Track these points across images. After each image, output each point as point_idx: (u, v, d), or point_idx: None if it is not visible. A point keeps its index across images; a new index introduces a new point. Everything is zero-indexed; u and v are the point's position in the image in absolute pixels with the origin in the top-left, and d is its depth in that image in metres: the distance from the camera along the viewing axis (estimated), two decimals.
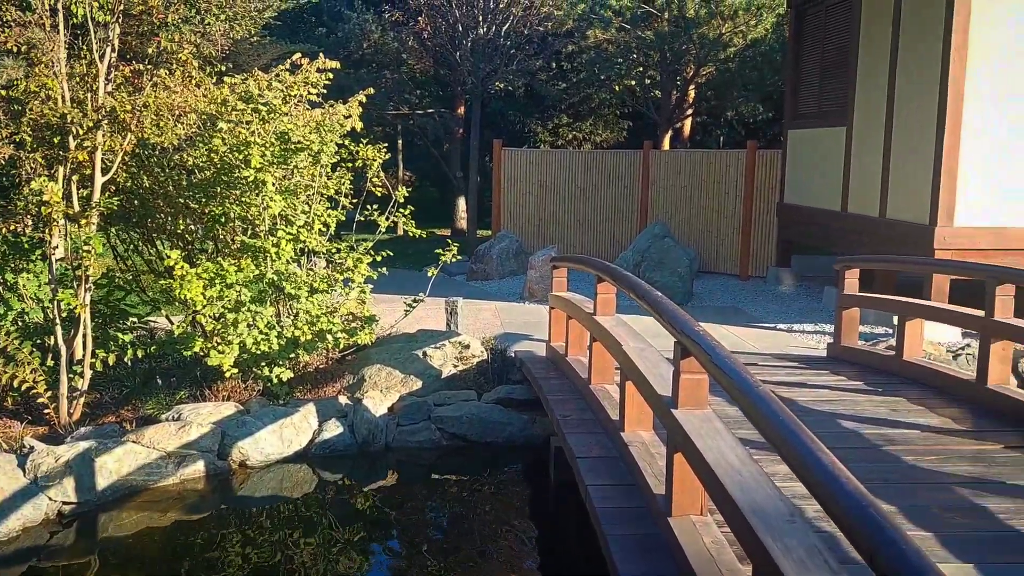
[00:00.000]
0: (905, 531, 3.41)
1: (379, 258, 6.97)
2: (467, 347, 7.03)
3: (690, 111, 16.92)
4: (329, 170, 6.85)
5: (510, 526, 5.39)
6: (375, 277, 7.03)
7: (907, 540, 1.80)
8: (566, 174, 13.41)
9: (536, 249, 12.49)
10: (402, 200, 7.18)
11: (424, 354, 6.91)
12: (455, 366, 6.93)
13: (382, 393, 6.52)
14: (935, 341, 8.15)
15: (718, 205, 12.60)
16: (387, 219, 7.21)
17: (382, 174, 7.08)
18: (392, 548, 5.13)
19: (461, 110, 17.62)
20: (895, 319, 8.01)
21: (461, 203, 17.85)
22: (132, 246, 7.46)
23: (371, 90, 7.36)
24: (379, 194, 7.14)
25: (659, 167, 13.04)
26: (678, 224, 12.81)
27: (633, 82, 16.24)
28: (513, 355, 7.22)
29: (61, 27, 5.86)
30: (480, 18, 15.32)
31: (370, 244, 6.99)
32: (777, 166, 12.04)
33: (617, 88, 16.55)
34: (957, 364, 7.57)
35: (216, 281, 6.00)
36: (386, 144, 7.33)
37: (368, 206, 7.07)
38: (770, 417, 2.51)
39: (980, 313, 5.49)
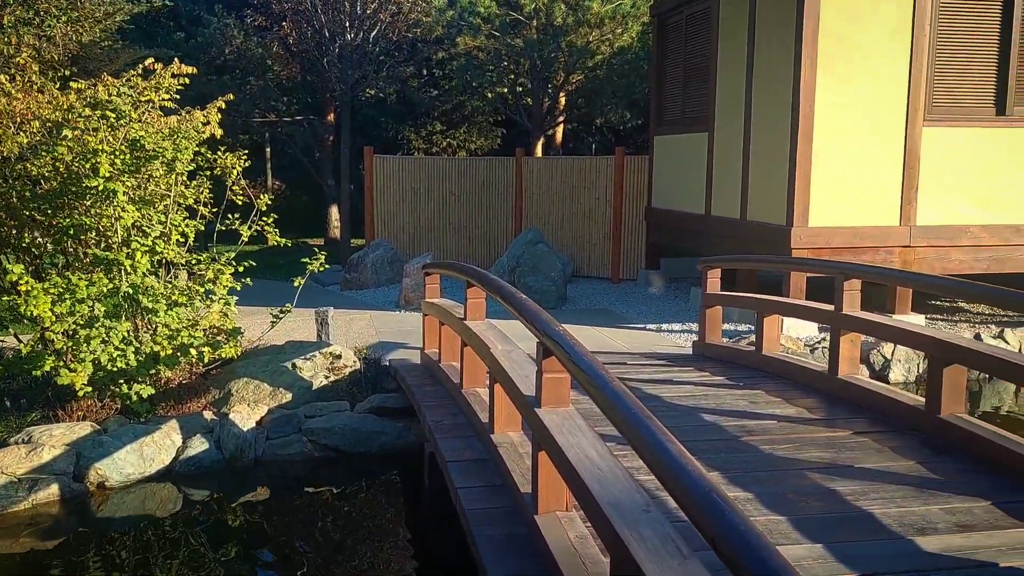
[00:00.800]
0: (749, 516, 3.56)
1: (242, 268, 6.77)
2: (339, 357, 6.92)
3: (562, 118, 17.19)
4: (186, 178, 6.61)
5: (386, 534, 5.33)
6: (239, 288, 6.83)
7: (748, 524, 1.86)
8: (440, 181, 13.40)
9: (412, 257, 12.43)
10: (265, 208, 6.99)
11: (293, 366, 6.75)
12: (327, 377, 6.80)
13: (250, 407, 6.33)
14: (794, 337, 8.54)
15: (589, 210, 12.85)
16: (250, 228, 7.01)
17: (243, 182, 6.89)
18: (268, 563, 4.98)
19: (331, 117, 17.36)
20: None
21: (334, 212, 17.58)
22: None
23: (231, 96, 7.16)
24: (241, 203, 6.94)
25: (532, 173, 13.20)
26: (552, 229, 12.99)
27: (505, 89, 16.39)
28: (388, 364, 7.14)
29: None
30: (347, 24, 15.14)
31: (232, 254, 6.78)
32: (645, 171, 12.37)
33: (489, 95, 16.66)
34: (814, 357, 7.94)
35: (66, 296, 5.70)
36: (247, 152, 7.12)
37: (230, 215, 6.86)
38: (623, 411, 2.56)
39: (830, 307, 5.77)
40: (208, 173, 6.93)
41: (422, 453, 5.74)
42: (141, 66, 6.52)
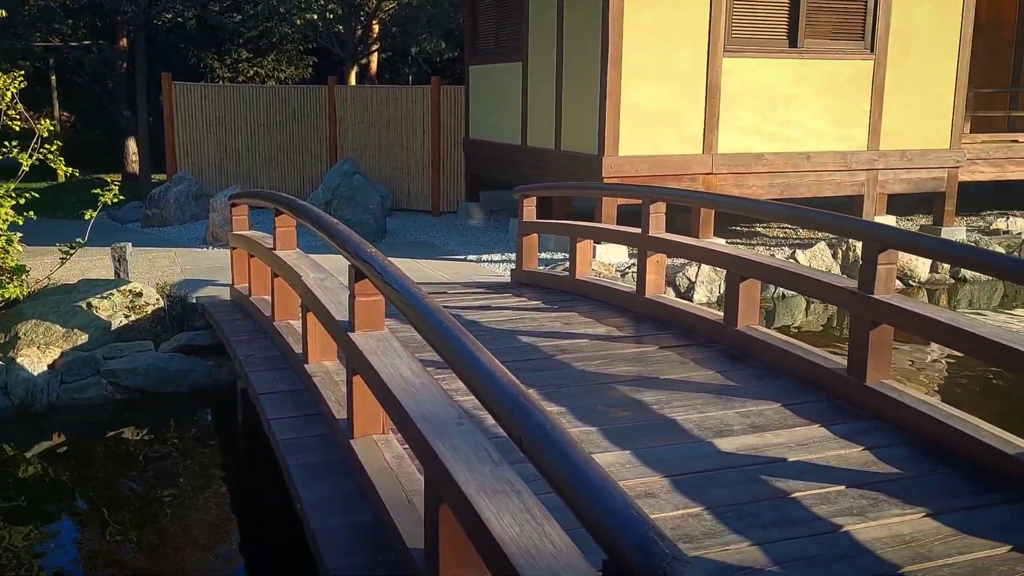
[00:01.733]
0: (552, 414, 3.66)
1: (23, 200, 6.20)
2: (139, 295, 6.52)
3: (375, 47, 16.75)
4: None
5: (198, 475, 5.12)
6: (21, 223, 6.26)
7: (553, 423, 1.88)
8: (247, 111, 12.78)
9: (219, 191, 11.83)
10: (47, 135, 6.40)
11: (89, 305, 6.30)
12: (127, 316, 6.40)
13: (40, 350, 5.88)
14: (606, 262, 8.81)
15: (407, 142, 12.65)
16: (31, 156, 6.41)
17: (21, 106, 6.27)
18: (75, 516, 4.67)
19: (124, 42, 16.09)
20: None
21: (131, 145, 16.43)
22: None
23: (2, 12, 6.44)
24: (19, 128, 6.32)
25: (346, 103, 12.81)
26: (369, 161, 12.71)
27: (315, 16, 15.74)
28: (195, 301, 6.80)
29: None
30: None
31: (12, 186, 6.19)
32: (462, 102, 12.28)
33: (298, 22, 15.96)
34: (624, 281, 8.23)
35: None
36: (23, 73, 6.45)
37: (6, 143, 6.23)
38: (435, 326, 2.53)
39: (638, 231, 5.97)
40: None
41: (235, 391, 5.54)
42: None
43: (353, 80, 15.69)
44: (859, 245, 9.27)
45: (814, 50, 9.30)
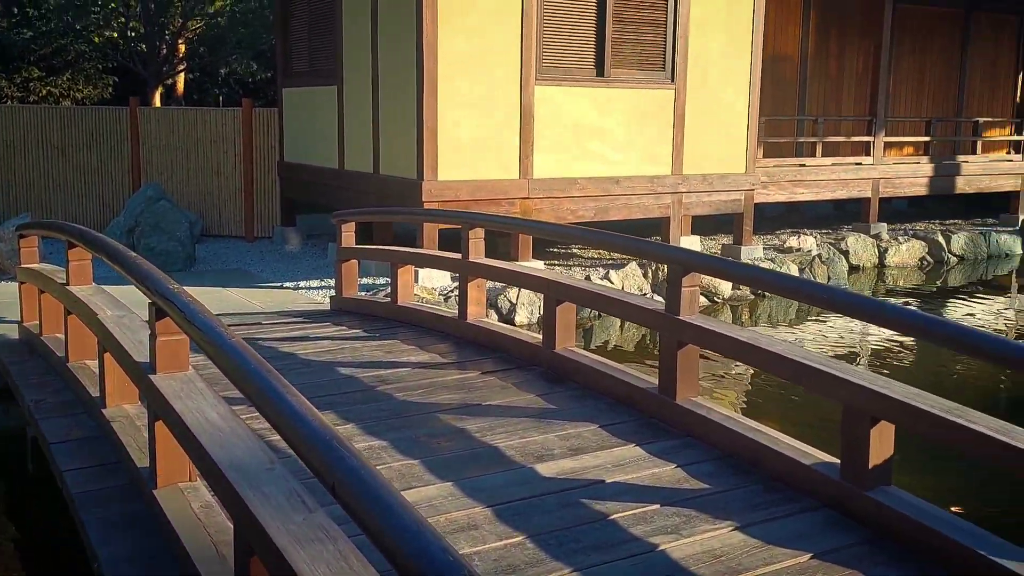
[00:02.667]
0: (383, 463, 3.60)
1: None
2: None
3: (182, 67, 16.04)
4: None
5: None
6: None
7: (367, 467, 1.82)
8: (39, 133, 11.89)
9: (6, 219, 10.92)
10: None
11: None
12: None
13: None
14: (429, 287, 8.79)
15: (218, 165, 12.16)
16: None
17: None
18: None
19: None
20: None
21: None
22: None
23: None
24: None
25: (150, 125, 12.17)
26: (176, 186, 12.12)
27: (115, 34, 14.89)
28: None
29: None
30: None
31: None
32: (275, 124, 11.95)
33: (97, 39, 15.05)
34: (447, 305, 8.24)
35: None
36: None
37: None
38: (242, 366, 2.41)
39: (459, 256, 5.99)
40: None
41: (25, 438, 5.09)
42: None
43: (158, 101, 14.95)
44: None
45: (620, 79, 9.70)
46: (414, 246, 8.85)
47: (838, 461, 3.32)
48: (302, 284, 9.37)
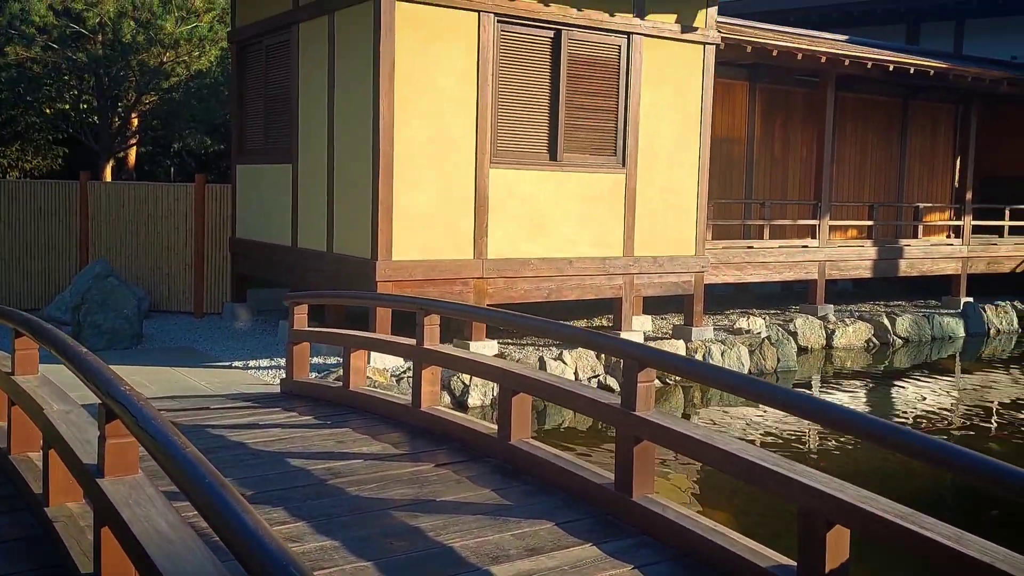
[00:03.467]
0: (335, 566, 3.52)
1: None
2: None
3: (134, 140, 15.96)
4: None
5: None
6: None
7: None
8: None
9: None
10: None
11: None
12: None
13: None
14: (381, 367, 8.74)
15: (168, 241, 12.05)
16: None
17: None
18: None
19: None
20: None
21: None
22: None
23: None
24: None
25: (100, 200, 12.05)
26: (125, 261, 11.97)
27: (67, 106, 14.81)
28: None
29: None
30: None
31: None
32: (228, 200, 11.92)
33: (48, 111, 14.94)
34: (400, 388, 8.19)
35: None
36: None
37: None
38: (198, 483, 2.36)
39: (412, 341, 5.97)
40: None
41: None
42: None
43: (109, 174, 14.83)
44: None
45: (573, 164, 9.89)
46: (367, 325, 8.82)
47: (795, 564, 3.33)
48: (251, 363, 9.25)
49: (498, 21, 9.27)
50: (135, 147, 16.55)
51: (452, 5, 9.00)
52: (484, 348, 9.24)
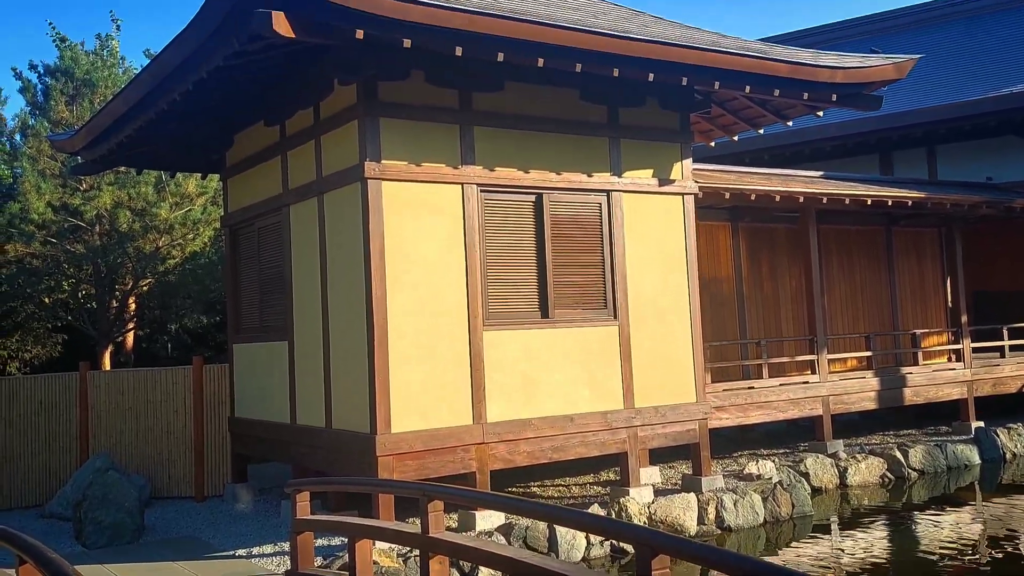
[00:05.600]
0: None
1: None
2: None
3: (132, 324, 16.14)
4: None
5: None
6: None
7: None
8: None
9: None
10: None
11: None
12: None
13: None
14: (387, 547, 8.50)
15: (168, 425, 11.99)
16: None
17: None
18: None
19: None
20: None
21: None
22: None
23: None
24: None
25: (99, 390, 12.06)
26: (125, 449, 11.87)
27: (66, 295, 15.06)
28: None
29: None
30: None
31: None
32: (226, 380, 11.93)
33: (47, 301, 15.18)
34: (408, 567, 7.94)
35: None
36: None
37: None
38: None
39: (418, 529, 5.84)
40: None
41: None
42: None
43: (108, 358, 14.91)
44: (629, 505, 9.60)
45: (565, 320, 9.95)
46: (371, 500, 8.62)
47: None
48: (255, 550, 9.02)
49: (481, 191, 9.54)
50: (133, 331, 16.72)
51: (436, 180, 9.28)
52: (490, 518, 9.01)
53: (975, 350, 14.87)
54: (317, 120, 9.88)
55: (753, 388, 12.10)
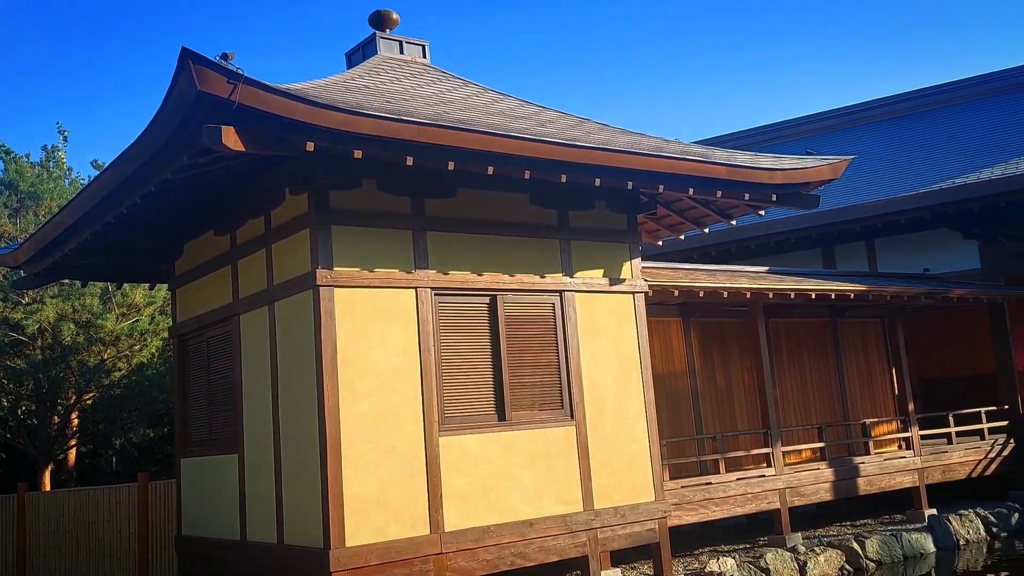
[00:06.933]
0: None
1: None
2: None
3: (74, 440, 15.61)
4: None
5: None
6: None
7: None
8: None
9: None
10: None
11: None
12: None
13: None
14: None
15: (111, 548, 11.52)
16: None
17: None
18: None
19: None
20: None
21: None
22: None
23: None
24: None
25: (38, 511, 11.57)
26: (66, 573, 11.30)
27: (4, 412, 14.56)
28: None
29: None
30: None
31: None
32: (173, 496, 11.54)
33: None
34: None
35: None
36: None
37: None
38: None
39: None
40: None
41: None
42: None
43: (48, 476, 14.35)
44: None
45: (521, 421, 9.87)
46: None
47: None
48: None
49: (435, 295, 9.55)
50: (76, 447, 16.16)
51: (390, 285, 9.28)
52: None
53: (923, 437, 15.03)
54: (268, 229, 9.88)
55: (711, 484, 12.04)
